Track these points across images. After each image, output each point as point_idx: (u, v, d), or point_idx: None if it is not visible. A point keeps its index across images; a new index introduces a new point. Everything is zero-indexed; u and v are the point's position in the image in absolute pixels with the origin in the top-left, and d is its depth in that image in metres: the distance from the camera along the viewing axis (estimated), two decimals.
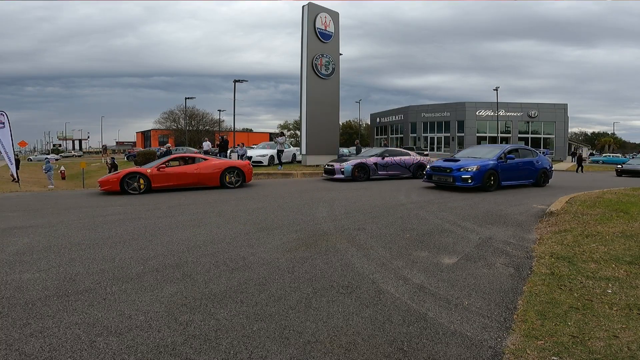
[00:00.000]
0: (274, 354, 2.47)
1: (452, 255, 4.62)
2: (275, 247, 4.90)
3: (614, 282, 3.53)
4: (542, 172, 12.15)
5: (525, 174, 11.68)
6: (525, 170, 11.66)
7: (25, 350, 2.50)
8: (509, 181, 11.11)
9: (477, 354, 2.47)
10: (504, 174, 10.84)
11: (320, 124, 19.55)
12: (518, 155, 11.66)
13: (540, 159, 12.45)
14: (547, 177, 12.48)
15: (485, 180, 10.34)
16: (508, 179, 11.06)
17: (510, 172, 11.09)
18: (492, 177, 10.52)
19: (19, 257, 4.47)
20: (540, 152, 13.07)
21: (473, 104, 44.42)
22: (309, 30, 19.18)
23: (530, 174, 11.84)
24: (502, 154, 11.02)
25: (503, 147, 11.92)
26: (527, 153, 12.31)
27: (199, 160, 11.78)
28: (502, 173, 10.78)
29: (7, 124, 14.23)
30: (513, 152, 11.64)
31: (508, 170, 11.00)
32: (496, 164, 10.71)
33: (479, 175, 10.24)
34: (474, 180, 10.17)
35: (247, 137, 63.02)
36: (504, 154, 11.06)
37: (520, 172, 11.49)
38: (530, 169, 11.84)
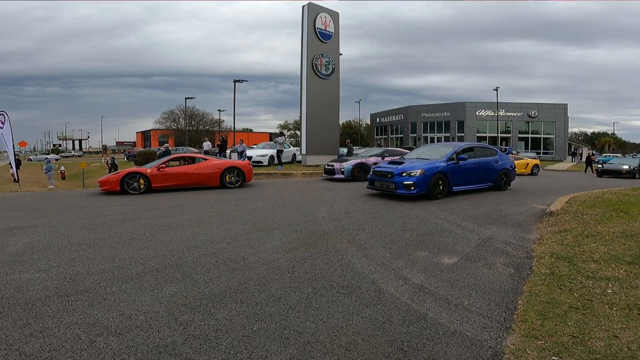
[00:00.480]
0: (274, 354, 2.47)
1: (452, 255, 4.62)
2: (275, 247, 4.90)
3: (614, 282, 3.53)
4: (502, 173, 10.64)
5: (482, 177, 10.18)
6: (482, 172, 10.14)
7: (25, 350, 2.50)
8: (461, 186, 9.62)
9: (477, 354, 2.47)
10: (455, 178, 9.36)
11: (320, 124, 19.55)
12: (473, 154, 10.17)
13: (501, 158, 10.85)
14: (509, 179, 11.00)
15: (432, 186, 8.81)
16: (460, 183, 9.58)
17: (463, 175, 9.58)
18: (440, 182, 9.01)
19: (19, 257, 4.47)
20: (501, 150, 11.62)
21: (473, 104, 44.40)
22: (309, 30, 19.18)
23: (488, 176, 10.35)
24: (454, 155, 9.52)
25: (456, 145, 10.17)
26: (484, 152, 10.69)
27: (199, 160, 11.78)
28: (453, 177, 9.28)
29: (7, 124, 14.22)
30: (467, 151, 10.10)
31: (460, 173, 9.50)
32: (446, 167, 9.19)
33: (423, 180, 8.71)
34: (418, 186, 8.64)
35: (247, 137, 62.99)
36: (455, 154, 9.55)
37: (475, 175, 9.97)
38: (488, 170, 10.33)
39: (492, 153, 10.78)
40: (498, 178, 10.51)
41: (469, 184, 9.84)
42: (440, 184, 9.02)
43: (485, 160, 10.32)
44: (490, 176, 10.38)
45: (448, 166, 9.25)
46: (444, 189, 9.09)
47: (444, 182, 9.09)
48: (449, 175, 9.19)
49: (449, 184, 9.21)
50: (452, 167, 9.32)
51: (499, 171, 10.56)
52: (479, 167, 10.04)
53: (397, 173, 8.98)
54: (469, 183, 9.85)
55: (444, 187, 9.08)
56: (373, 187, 9.65)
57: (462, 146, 10.16)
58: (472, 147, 10.46)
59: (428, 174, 8.79)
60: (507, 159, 11.22)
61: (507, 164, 10.94)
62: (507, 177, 10.88)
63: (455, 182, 9.38)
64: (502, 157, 10.89)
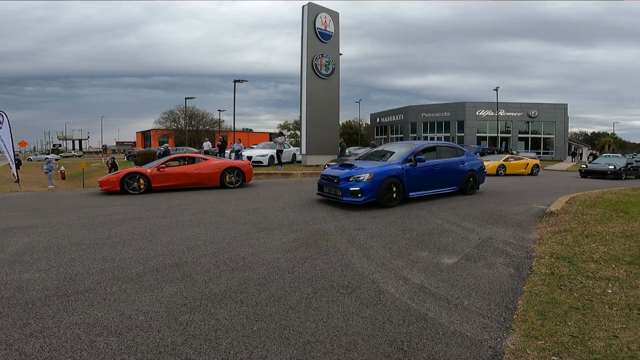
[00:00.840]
0: (274, 354, 2.47)
1: (452, 255, 4.62)
2: (275, 247, 4.90)
3: (614, 282, 3.54)
4: (469, 175, 9.53)
5: (444, 180, 9.08)
6: (445, 175, 9.07)
7: (25, 350, 2.50)
8: (420, 191, 8.51)
9: (477, 354, 2.47)
10: (412, 182, 8.24)
11: (320, 124, 19.56)
12: (435, 155, 9.09)
13: (468, 158, 9.70)
14: (476, 181, 9.78)
15: (383, 192, 7.73)
16: (419, 188, 8.46)
17: (421, 179, 8.49)
18: (393, 188, 7.91)
19: (19, 257, 4.47)
20: (466, 149, 10.67)
21: (473, 104, 44.40)
22: (309, 30, 19.19)
23: (452, 179, 9.25)
24: (411, 156, 8.40)
25: (414, 145, 8.98)
26: (448, 152, 9.54)
27: (199, 160, 11.78)
28: (409, 181, 8.18)
29: (6, 124, 14.22)
30: (427, 151, 9.05)
31: (418, 177, 8.40)
32: (400, 170, 8.06)
33: (372, 186, 7.60)
34: (366, 193, 7.55)
35: (247, 137, 63.01)
36: (413, 155, 8.44)
37: (437, 178, 8.87)
38: (453, 172, 9.25)
39: (458, 153, 9.69)
40: (464, 181, 9.44)
41: (428, 189, 8.74)
42: (394, 189, 7.93)
43: (449, 162, 9.22)
44: (455, 179, 9.29)
45: (403, 169, 8.12)
46: (398, 195, 7.99)
47: (398, 188, 7.99)
48: (404, 180, 8.08)
49: (404, 190, 8.09)
50: (409, 170, 8.22)
51: (465, 173, 9.46)
52: (441, 169, 8.97)
53: (343, 178, 7.87)
54: (429, 187, 8.76)
55: (398, 193, 7.98)
56: (322, 194, 8.48)
57: (421, 146, 9.03)
58: (433, 147, 9.39)
59: (378, 179, 7.69)
60: (476, 159, 10.14)
61: (474, 165, 9.83)
62: (474, 179, 9.73)
63: (412, 187, 8.28)
64: (469, 158, 9.77)
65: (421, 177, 8.49)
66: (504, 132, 43.88)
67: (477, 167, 9.87)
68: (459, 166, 9.39)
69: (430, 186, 8.76)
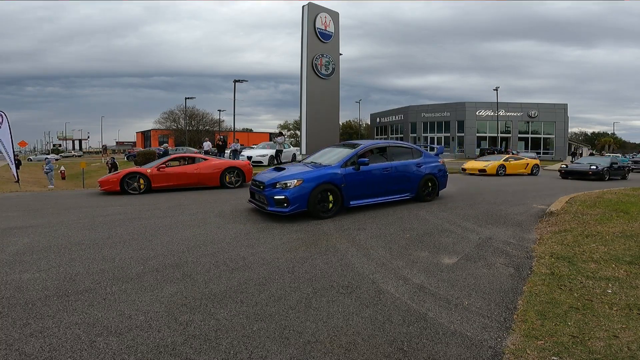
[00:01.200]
0: (274, 354, 2.47)
1: (452, 255, 4.63)
2: (275, 247, 4.90)
3: (614, 282, 3.54)
4: (426, 180, 8.38)
5: (396, 185, 7.90)
6: (397, 179, 7.89)
7: (25, 350, 2.50)
8: (364, 199, 7.37)
9: (477, 354, 2.47)
10: (353, 189, 7.11)
11: (320, 124, 19.56)
12: (384, 157, 7.97)
13: (426, 160, 8.51)
14: (436, 186, 8.62)
15: (314, 201, 6.57)
16: (363, 196, 7.33)
17: (366, 185, 7.37)
18: (329, 196, 6.78)
19: (19, 257, 4.47)
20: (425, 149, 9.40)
21: (473, 104, 44.42)
22: (309, 30, 19.19)
23: (406, 184, 8.09)
24: (353, 158, 7.26)
25: (359, 146, 7.79)
26: (401, 153, 8.32)
27: (199, 160, 11.78)
28: (349, 187, 7.03)
29: (6, 124, 14.22)
30: (376, 152, 7.98)
31: (362, 183, 7.28)
32: (337, 175, 6.92)
33: (300, 194, 6.48)
34: (293, 202, 6.43)
35: (247, 137, 63.06)
36: (355, 156, 7.30)
37: (386, 183, 7.72)
38: (406, 176, 8.08)
39: (414, 154, 8.47)
40: (420, 186, 8.28)
41: (375, 196, 7.60)
42: (330, 198, 6.79)
43: (402, 164, 8.06)
44: (409, 184, 8.15)
45: (342, 174, 6.98)
46: (336, 204, 6.86)
47: (336, 196, 6.85)
48: (343, 186, 6.93)
49: (343, 198, 6.97)
50: (349, 175, 7.07)
51: (422, 177, 8.29)
52: (391, 174, 7.80)
53: (268, 184, 6.75)
54: (377, 195, 7.61)
55: (335, 202, 6.85)
56: (253, 201, 7.36)
57: (367, 147, 7.87)
58: (383, 148, 8.23)
59: (308, 186, 6.55)
60: (436, 161, 8.82)
61: (434, 168, 8.62)
62: (433, 184, 8.57)
63: (353, 195, 7.16)
64: (428, 160, 8.59)
65: (365, 182, 7.34)
66: (504, 132, 43.89)
67: (436, 170, 8.69)
68: (413, 169, 8.23)
69: (377, 193, 7.62)
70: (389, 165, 7.85)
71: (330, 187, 6.83)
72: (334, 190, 6.86)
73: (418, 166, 8.34)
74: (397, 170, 7.96)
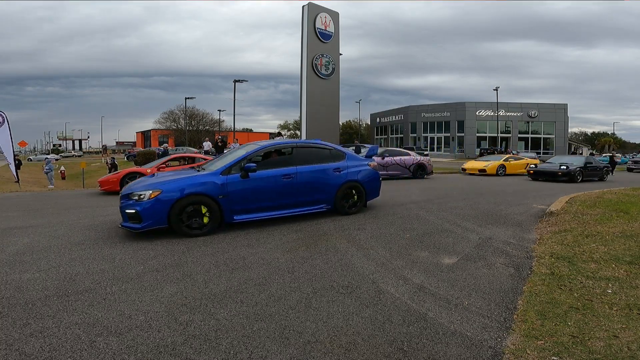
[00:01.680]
0: (274, 354, 2.47)
1: (452, 255, 4.62)
2: (275, 247, 4.90)
3: (614, 282, 3.54)
4: (348, 188, 6.87)
5: (303, 196, 6.43)
6: (303, 189, 6.41)
7: (25, 350, 2.50)
8: (255, 213, 5.98)
9: (477, 354, 2.47)
10: (239, 201, 5.78)
11: (320, 124, 19.57)
12: (289, 160, 6.51)
13: (349, 164, 6.99)
14: (362, 195, 7.10)
15: (176, 216, 5.35)
16: (252, 210, 5.96)
17: (257, 196, 5.96)
18: (202, 209, 5.51)
19: (19, 257, 4.47)
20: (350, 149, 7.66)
21: (473, 104, 44.43)
22: (309, 30, 19.20)
23: (318, 194, 6.58)
24: (239, 163, 5.94)
25: (253, 148, 6.51)
26: (313, 156, 6.75)
27: (199, 160, 11.78)
28: (233, 199, 5.71)
29: (6, 124, 14.23)
30: (275, 155, 6.78)
31: (251, 194, 5.90)
32: (213, 184, 5.64)
33: (155, 208, 5.30)
34: (146, 218, 5.28)
35: (247, 137, 63.00)
36: (244, 160, 5.98)
37: (288, 193, 6.28)
38: (317, 184, 6.57)
39: (334, 157, 6.94)
40: (338, 195, 6.75)
41: (273, 210, 6.15)
42: (204, 211, 5.51)
43: (311, 170, 6.52)
44: (322, 194, 6.62)
45: (221, 183, 5.67)
46: (213, 220, 5.56)
47: (212, 209, 5.55)
48: (222, 198, 5.61)
49: (223, 211, 5.63)
50: (233, 183, 5.74)
51: (341, 185, 6.77)
52: (296, 181, 6.30)
53: (124, 195, 5.68)
54: (275, 207, 6.16)
55: (212, 217, 5.55)
56: None
57: (263, 148, 6.55)
58: (289, 149, 6.84)
59: (168, 198, 5.33)
60: (364, 164, 7.27)
61: (359, 173, 7.04)
62: (359, 193, 7.05)
63: (239, 208, 5.80)
64: (351, 163, 7.05)
65: (257, 193, 5.96)
66: (504, 132, 43.91)
67: (362, 175, 7.08)
68: (329, 175, 6.68)
69: (276, 206, 6.19)
70: (291, 170, 6.30)
71: (203, 199, 5.51)
72: (209, 203, 5.53)
73: (337, 171, 6.77)
74: (304, 177, 6.40)
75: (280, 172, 6.25)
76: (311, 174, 6.53)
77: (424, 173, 15.64)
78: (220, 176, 5.75)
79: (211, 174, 5.81)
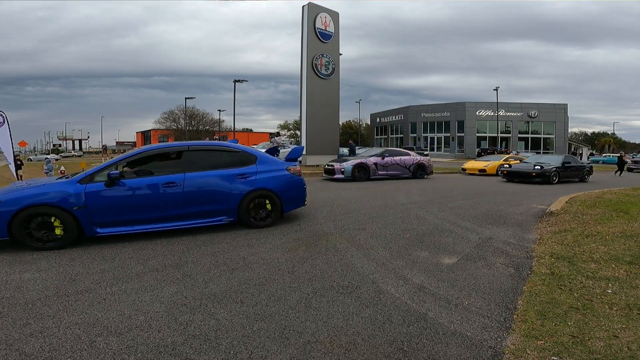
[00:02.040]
0: (274, 354, 2.47)
1: (452, 255, 4.62)
2: (275, 247, 4.90)
3: (614, 282, 3.53)
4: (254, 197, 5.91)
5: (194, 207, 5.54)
6: (193, 198, 5.53)
7: (25, 350, 2.50)
8: (126, 226, 5.24)
9: (477, 354, 2.47)
10: (103, 213, 5.10)
11: (320, 124, 19.57)
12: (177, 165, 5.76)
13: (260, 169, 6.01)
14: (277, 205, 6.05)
15: (20, 229, 4.76)
16: (123, 222, 5.23)
17: (127, 208, 5.24)
18: (54, 222, 4.88)
19: (19, 257, 4.47)
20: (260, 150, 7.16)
21: (473, 104, 44.42)
22: (309, 30, 19.20)
23: (216, 204, 5.67)
24: (107, 168, 5.34)
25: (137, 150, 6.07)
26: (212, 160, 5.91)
27: None
28: (94, 211, 5.05)
29: (6, 124, 14.23)
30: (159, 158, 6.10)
31: (120, 204, 5.18)
32: (65, 194, 4.97)
33: None
34: None
35: (247, 137, 63.01)
36: (111, 166, 5.41)
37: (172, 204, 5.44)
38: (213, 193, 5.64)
39: (241, 161, 6.02)
40: (243, 205, 5.81)
41: (149, 222, 5.36)
42: (58, 224, 4.87)
43: (204, 176, 5.63)
44: (221, 204, 5.68)
45: (77, 193, 5.00)
46: (69, 233, 4.90)
47: (66, 222, 4.89)
48: (77, 209, 4.93)
49: (82, 223, 4.97)
50: (95, 193, 5.07)
51: (246, 194, 5.80)
52: (180, 190, 5.45)
53: None
54: (153, 220, 5.37)
55: (67, 229, 4.89)
56: None
57: (139, 152, 5.88)
58: (175, 152, 6.01)
59: (5, 210, 4.73)
60: (280, 169, 6.23)
61: (273, 180, 6.04)
62: (272, 202, 6.02)
63: (105, 220, 5.11)
64: (263, 168, 6.05)
65: (129, 203, 5.23)
66: (504, 132, 43.90)
67: (278, 182, 6.08)
68: (231, 182, 5.76)
69: (156, 218, 5.38)
70: (176, 178, 5.47)
71: (49, 211, 4.84)
72: (59, 215, 4.87)
73: (242, 178, 5.82)
74: (195, 185, 5.52)
75: (162, 179, 5.44)
76: (204, 181, 5.62)
77: (424, 173, 15.64)
78: (78, 185, 5.07)
79: (65, 183, 5.14)
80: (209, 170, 5.74)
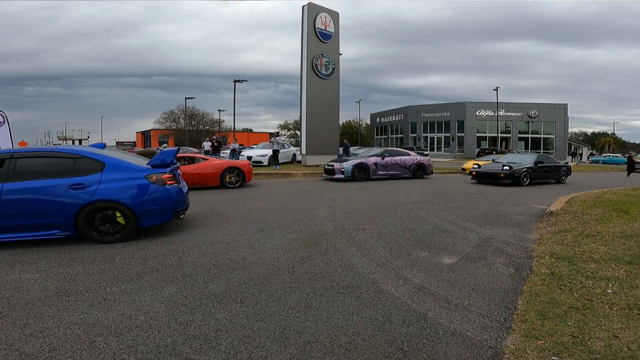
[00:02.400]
0: (274, 354, 2.47)
1: (452, 255, 4.62)
2: (275, 247, 4.90)
3: (614, 282, 3.54)
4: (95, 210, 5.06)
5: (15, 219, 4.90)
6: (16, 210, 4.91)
7: (25, 350, 2.50)
8: None
9: (477, 354, 2.47)
10: None
11: (320, 124, 19.56)
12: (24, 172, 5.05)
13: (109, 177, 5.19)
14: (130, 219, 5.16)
15: None
16: None
17: None
18: None
19: (19, 257, 4.47)
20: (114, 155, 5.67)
21: (473, 104, 44.40)
22: (309, 30, 19.19)
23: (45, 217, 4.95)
24: None
25: None
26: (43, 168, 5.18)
27: (198, 160, 11.79)
28: None
29: (6, 124, 14.23)
30: None
31: None
32: None
33: None
34: None
35: (247, 137, 63.00)
36: None
37: None
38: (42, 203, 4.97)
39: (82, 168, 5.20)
40: (81, 218, 5.01)
41: None
42: None
43: (26, 187, 4.96)
44: (50, 216, 4.96)
45: None
46: None
47: None
48: None
49: None
50: None
51: (84, 206, 5.00)
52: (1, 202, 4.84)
53: None
54: None
55: None
56: None
57: None
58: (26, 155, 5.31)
59: None
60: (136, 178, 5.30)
61: (123, 191, 5.18)
62: (124, 215, 5.15)
63: None
64: (111, 176, 5.20)
65: None
66: (504, 132, 43.88)
67: (131, 193, 5.23)
68: (63, 193, 5.00)
69: None
70: None
71: None
72: None
73: (77, 188, 5.03)
74: (14, 196, 4.91)
75: None
76: (27, 192, 4.95)
77: (424, 173, 15.65)
78: None
79: None
80: (35, 179, 5.05)
